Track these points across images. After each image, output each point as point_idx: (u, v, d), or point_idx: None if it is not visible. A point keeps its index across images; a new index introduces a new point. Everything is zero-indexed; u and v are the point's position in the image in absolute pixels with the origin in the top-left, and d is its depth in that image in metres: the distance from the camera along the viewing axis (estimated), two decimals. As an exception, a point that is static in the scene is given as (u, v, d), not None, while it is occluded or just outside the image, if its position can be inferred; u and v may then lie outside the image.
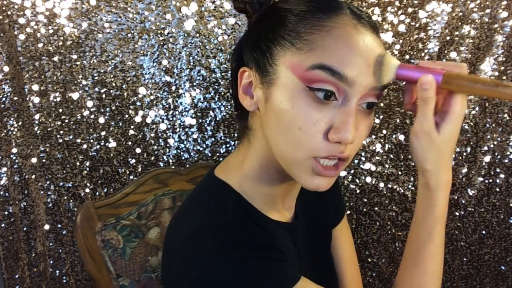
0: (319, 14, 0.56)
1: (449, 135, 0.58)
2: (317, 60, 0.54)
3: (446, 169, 0.60)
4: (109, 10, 1.20)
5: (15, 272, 1.28)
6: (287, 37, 0.57)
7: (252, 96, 0.61)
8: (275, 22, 0.59)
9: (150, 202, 0.94)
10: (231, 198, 0.64)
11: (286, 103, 0.56)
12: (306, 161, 0.57)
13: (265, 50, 0.59)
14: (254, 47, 0.61)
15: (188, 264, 0.57)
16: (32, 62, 1.20)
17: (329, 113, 0.55)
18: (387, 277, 1.41)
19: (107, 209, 0.89)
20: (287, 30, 0.57)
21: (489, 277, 1.41)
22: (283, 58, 0.57)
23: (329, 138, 0.55)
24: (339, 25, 0.55)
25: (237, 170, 0.66)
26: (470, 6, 1.26)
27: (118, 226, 0.88)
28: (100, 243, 0.86)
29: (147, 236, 0.91)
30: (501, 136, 1.33)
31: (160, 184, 0.97)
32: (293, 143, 0.56)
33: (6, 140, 1.22)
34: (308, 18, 0.56)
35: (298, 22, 0.57)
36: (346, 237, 0.87)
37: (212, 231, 0.58)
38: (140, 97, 1.25)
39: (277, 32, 0.58)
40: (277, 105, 0.57)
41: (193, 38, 1.24)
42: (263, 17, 0.62)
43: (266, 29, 0.60)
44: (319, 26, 0.55)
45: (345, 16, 0.56)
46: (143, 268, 0.90)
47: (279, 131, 0.58)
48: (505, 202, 1.36)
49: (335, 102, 0.55)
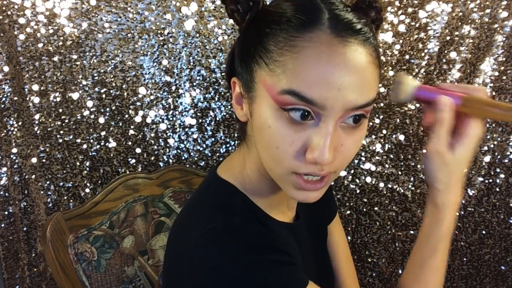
0: (291, 32, 0.53)
1: (462, 157, 0.60)
2: (287, 85, 0.52)
3: (455, 189, 0.62)
4: (109, 10, 1.20)
5: (15, 272, 1.28)
6: (262, 55, 0.55)
7: (243, 107, 0.62)
8: (255, 37, 0.57)
9: (121, 209, 0.91)
10: (238, 199, 0.64)
11: (264, 122, 0.55)
12: (288, 176, 0.57)
13: (247, 66, 0.58)
14: (240, 60, 0.60)
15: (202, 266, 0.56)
16: (32, 62, 1.20)
17: (305, 133, 0.54)
18: (387, 277, 1.40)
19: (77, 220, 0.85)
20: (263, 49, 0.55)
21: (489, 277, 1.41)
22: (260, 77, 0.56)
23: (306, 158, 0.54)
24: (311, 44, 0.52)
25: (240, 171, 0.67)
26: (470, 6, 1.26)
27: (90, 237, 0.84)
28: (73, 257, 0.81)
29: (122, 245, 0.88)
30: (501, 136, 1.33)
31: (130, 190, 0.94)
32: (273, 160, 0.57)
33: (6, 140, 1.22)
34: (280, 37, 0.54)
35: (271, 40, 0.54)
36: (339, 233, 0.88)
37: (225, 233, 0.58)
38: (140, 97, 1.25)
39: (256, 49, 0.56)
40: (257, 122, 0.57)
41: (193, 38, 1.24)
42: (248, 28, 0.60)
43: (248, 43, 0.59)
44: (290, 47, 0.52)
45: (320, 32, 0.52)
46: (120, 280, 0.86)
47: (261, 147, 0.58)
48: (505, 202, 1.36)
49: (312, 122, 0.53)
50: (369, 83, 0.54)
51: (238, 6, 0.59)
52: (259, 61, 0.56)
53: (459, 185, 0.62)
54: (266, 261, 0.56)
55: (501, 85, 1.30)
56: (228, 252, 0.56)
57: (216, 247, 0.56)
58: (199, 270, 0.57)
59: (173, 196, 1.00)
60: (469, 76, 1.30)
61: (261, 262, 0.56)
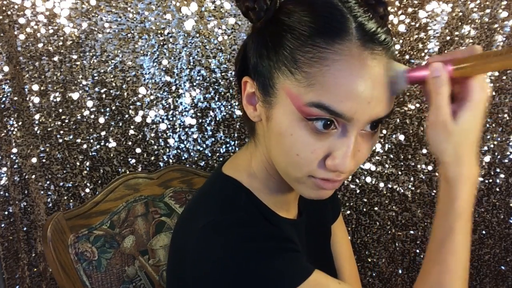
0: (320, 42, 0.52)
1: (467, 124, 0.54)
2: (315, 98, 0.52)
3: (467, 161, 0.56)
4: (109, 10, 1.20)
5: (15, 272, 1.28)
6: (287, 64, 0.54)
7: (256, 108, 0.61)
8: (275, 41, 0.56)
9: (122, 209, 0.90)
10: (242, 195, 0.65)
11: (285, 130, 0.55)
12: (305, 179, 0.57)
13: (266, 70, 0.57)
14: (257, 62, 0.58)
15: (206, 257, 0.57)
16: (32, 62, 1.20)
17: (328, 142, 0.54)
18: (387, 277, 1.40)
19: (78, 219, 0.85)
20: (287, 56, 0.54)
21: (489, 277, 1.41)
22: (282, 84, 0.55)
23: (326, 165, 0.55)
24: (341, 57, 0.51)
25: (246, 169, 0.67)
26: (470, 6, 1.26)
27: (91, 237, 0.84)
28: (74, 256, 0.81)
29: (122, 245, 0.88)
30: (501, 136, 1.33)
31: (131, 190, 0.94)
32: (291, 166, 0.57)
33: (6, 140, 1.22)
34: (308, 46, 0.52)
35: (298, 49, 0.53)
36: (343, 232, 0.89)
37: (229, 225, 0.58)
38: (140, 97, 1.25)
39: (277, 55, 0.55)
40: (277, 128, 0.56)
41: (193, 38, 1.24)
42: (265, 29, 0.58)
43: (266, 46, 0.57)
44: (319, 59, 0.51)
45: (350, 43, 0.51)
46: (120, 279, 0.86)
47: (278, 151, 0.58)
48: (505, 202, 1.36)
49: (334, 131, 0.54)
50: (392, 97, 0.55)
51: (254, 4, 0.57)
52: (283, 69, 0.54)
53: (470, 157, 0.56)
54: (271, 248, 0.56)
55: (501, 85, 1.31)
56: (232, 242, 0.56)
57: (220, 238, 0.56)
58: (203, 261, 0.57)
59: (174, 196, 1.00)
60: (469, 76, 1.30)
61: (265, 249, 0.56)
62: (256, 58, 0.59)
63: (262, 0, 0.57)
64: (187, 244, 0.60)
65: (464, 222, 0.59)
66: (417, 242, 1.39)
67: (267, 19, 0.58)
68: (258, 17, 0.58)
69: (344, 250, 0.87)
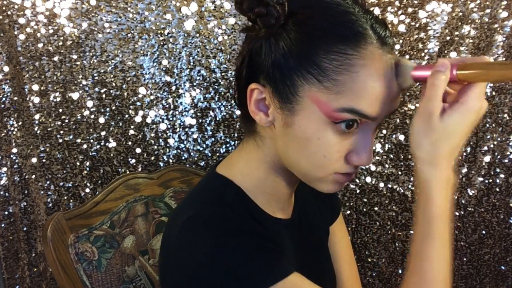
0: (345, 48, 0.53)
1: (452, 126, 0.52)
2: (347, 104, 0.53)
3: (443, 163, 0.54)
4: (109, 10, 1.20)
5: (15, 272, 1.28)
6: (313, 72, 0.54)
7: (267, 114, 0.60)
8: (296, 48, 0.55)
9: (122, 209, 0.91)
10: (231, 192, 0.65)
11: (312, 134, 0.56)
12: (327, 177, 0.60)
13: (287, 78, 0.56)
14: (272, 69, 0.57)
15: (184, 248, 0.58)
16: (32, 62, 1.20)
17: (351, 139, 0.57)
18: (387, 277, 1.40)
19: (78, 219, 0.85)
20: (312, 64, 0.54)
21: (489, 277, 1.41)
22: (308, 92, 0.55)
23: (350, 161, 0.58)
24: (367, 62, 0.53)
25: (241, 168, 0.67)
26: (470, 6, 1.26)
27: (91, 237, 0.84)
28: (74, 256, 0.81)
29: (122, 245, 0.88)
30: (501, 136, 1.33)
31: (131, 190, 0.94)
32: (316, 167, 0.59)
33: (6, 140, 1.22)
34: (333, 53, 0.53)
35: (324, 57, 0.53)
36: (343, 233, 0.88)
37: (210, 219, 0.59)
38: (140, 97, 1.25)
39: (300, 63, 0.54)
40: (301, 134, 0.57)
41: (193, 38, 1.24)
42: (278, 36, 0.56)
43: (285, 54, 0.55)
44: (348, 66, 0.53)
45: (371, 46, 0.53)
46: (120, 279, 0.86)
47: (301, 155, 0.59)
48: (505, 202, 1.36)
49: (356, 129, 0.56)
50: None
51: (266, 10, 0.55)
52: (307, 76, 0.54)
53: (447, 160, 0.54)
54: (248, 244, 0.57)
55: (501, 85, 1.31)
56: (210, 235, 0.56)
57: (199, 230, 0.58)
58: (182, 252, 0.58)
59: (174, 196, 1.00)
60: (469, 76, 1.30)
61: (242, 245, 0.56)
62: (271, 65, 0.57)
63: (273, 7, 0.55)
64: (171, 237, 0.61)
65: (441, 227, 0.56)
66: (417, 242, 1.39)
67: (279, 26, 0.56)
68: (268, 24, 0.56)
69: (344, 251, 0.86)
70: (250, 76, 0.60)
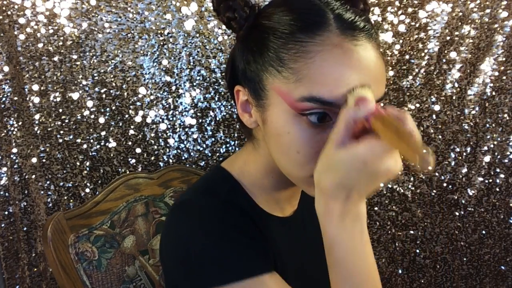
0: (301, 36, 0.53)
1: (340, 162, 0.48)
2: (305, 92, 0.52)
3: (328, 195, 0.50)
4: (109, 10, 1.20)
5: (15, 272, 1.27)
6: (272, 63, 0.55)
7: (251, 114, 0.61)
8: (259, 45, 0.57)
9: (122, 209, 0.91)
10: (227, 185, 0.66)
11: (282, 129, 0.55)
12: (309, 179, 0.56)
13: (255, 74, 0.58)
14: (245, 68, 0.60)
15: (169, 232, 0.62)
16: (32, 62, 1.20)
17: (325, 134, 0.53)
18: (387, 277, 1.40)
19: (78, 219, 0.85)
20: (272, 56, 0.55)
21: (489, 277, 1.41)
22: (272, 85, 0.56)
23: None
24: (323, 47, 0.52)
25: (241, 167, 0.68)
26: (470, 6, 1.26)
27: (91, 237, 0.84)
28: (74, 256, 0.81)
29: (123, 245, 0.88)
30: (501, 136, 1.33)
31: (131, 190, 0.94)
32: (294, 165, 0.57)
33: (6, 140, 1.22)
34: (290, 43, 0.54)
35: (281, 47, 0.54)
36: None
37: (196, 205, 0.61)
38: (140, 97, 1.25)
39: (263, 57, 0.56)
40: (273, 129, 0.57)
41: (193, 38, 1.24)
42: (248, 35, 0.60)
43: (252, 51, 0.58)
44: (303, 53, 0.53)
45: (330, 33, 0.52)
46: (120, 279, 0.86)
47: (279, 152, 0.58)
48: (505, 202, 1.36)
49: (330, 122, 0.53)
50: (381, 77, 0.55)
51: (234, 14, 0.59)
52: (269, 69, 0.56)
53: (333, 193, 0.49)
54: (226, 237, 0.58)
55: (501, 85, 1.31)
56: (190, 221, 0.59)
57: (182, 216, 0.61)
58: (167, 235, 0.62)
59: (174, 196, 1.00)
60: (469, 76, 1.30)
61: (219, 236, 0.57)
62: (243, 65, 0.60)
63: (241, 9, 0.59)
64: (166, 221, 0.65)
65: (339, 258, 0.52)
66: (417, 242, 1.39)
67: (249, 26, 0.60)
68: (240, 26, 0.60)
69: None
70: (234, 79, 0.63)
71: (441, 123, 1.32)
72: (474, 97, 1.31)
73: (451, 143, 1.34)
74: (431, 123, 1.32)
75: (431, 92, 1.31)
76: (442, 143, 1.34)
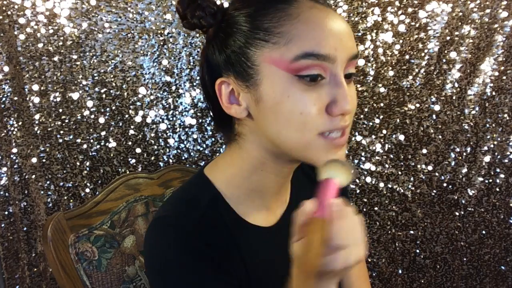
0: (279, 5, 0.58)
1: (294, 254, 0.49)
2: (299, 50, 0.55)
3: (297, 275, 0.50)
4: (109, 10, 1.20)
5: (15, 272, 1.28)
6: (258, 36, 0.57)
7: (239, 103, 0.62)
8: (237, 27, 0.60)
9: (122, 209, 0.91)
10: (208, 196, 0.66)
11: (281, 95, 0.57)
12: (316, 141, 0.58)
13: (240, 56, 0.59)
14: (226, 56, 0.61)
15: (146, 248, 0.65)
16: (32, 62, 1.20)
17: (323, 91, 0.57)
18: (387, 277, 1.41)
19: (78, 219, 0.85)
20: (256, 30, 0.58)
21: (489, 277, 1.41)
22: (261, 57, 0.58)
23: (331, 113, 0.57)
24: (303, 9, 0.57)
25: (223, 171, 0.68)
26: (470, 6, 1.26)
27: (91, 237, 0.84)
28: (74, 256, 0.81)
29: (123, 245, 0.88)
30: (501, 136, 1.33)
31: (131, 190, 0.94)
32: (298, 129, 0.58)
33: (6, 140, 1.22)
34: (271, 13, 0.57)
35: (263, 19, 0.58)
36: None
37: (171, 224, 0.62)
38: (140, 97, 1.25)
39: (247, 36, 0.58)
40: (271, 101, 0.58)
41: (193, 38, 1.24)
42: (220, 28, 0.62)
43: (231, 36, 0.60)
44: (286, 16, 0.57)
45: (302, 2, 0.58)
46: (120, 279, 0.86)
47: (281, 124, 0.58)
48: (505, 202, 1.36)
49: (324, 80, 0.57)
50: (353, 35, 0.60)
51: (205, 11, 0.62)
52: (255, 43, 0.58)
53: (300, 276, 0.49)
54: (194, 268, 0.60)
55: (501, 85, 1.31)
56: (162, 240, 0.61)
57: (156, 232, 0.63)
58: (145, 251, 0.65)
59: (173, 196, 1.00)
60: (469, 76, 1.30)
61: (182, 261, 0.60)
62: (223, 54, 0.61)
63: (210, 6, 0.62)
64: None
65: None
66: (417, 242, 1.39)
67: (219, 21, 0.62)
68: (209, 23, 0.62)
69: None
70: (213, 78, 0.63)
71: (441, 123, 1.33)
72: (474, 97, 1.31)
73: (451, 143, 1.34)
74: (431, 123, 1.32)
75: (431, 92, 1.31)
76: (442, 143, 1.34)
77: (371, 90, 1.30)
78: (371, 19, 1.26)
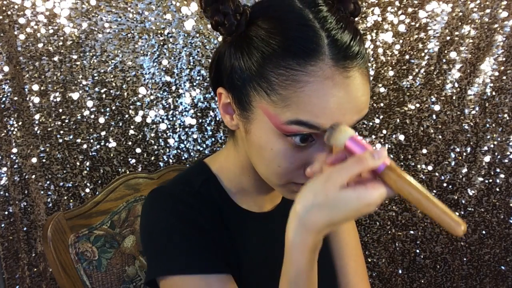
0: (293, 64, 0.52)
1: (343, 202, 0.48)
2: (293, 116, 0.53)
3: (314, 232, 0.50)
4: (109, 10, 1.20)
5: (15, 272, 1.28)
6: (262, 84, 0.55)
7: (232, 118, 0.62)
8: (250, 61, 0.56)
9: (122, 209, 0.91)
10: (203, 177, 0.69)
11: (265, 144, 0.57)
12: (285, 185, 0.61)
13: (242, 87, 0.58)
14: (232, 76, 0.59)
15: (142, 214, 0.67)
16: (32, 62, 1.20)
17: (307, 152, 0.56)
18: (387, 277, 1.40)
19: (78, 219, 0.85)
20: (262, 77, 0.54)
21: (489, 277, 1.41)
22: (259, 104, 0.56)
23: (306, 173, 0.55)
24: (315, 78, 0.52)
25: (221, 162, 0.71)
26: (470, 6, 1.26)
27: (91, 237, 0.85)
28: (74, 256, 0.82)
29: (123, 245, 0.89)
30: (501, 136, 1.33)
31: (131, 190, 0.94)
32: (272, 175, 0.60)
33: (6, 140, 1.22)
34: (281, 68, 0.53)
35: (271, 71, 0.54)
36: (349, 230, 0.84)
37: (166, 193, 0.66)
38: (140, 97, 1.25)
39: (252, 75, 0.56)
40: (257, 142, 0.58)
41: (193, 38, 1.24)
42: (237, 44, 0.58)
43: (240, 64, 0.57)
44: (293, 81, 0.52)
45: (322, 63, 0.52)
46: (120, 279, 0.86)
47: (260, 162, 0.60)
48: (505, 202, 1.36)
49: (312, 142, 0.56)
50: (366, 102, 0.56)
51: (224, 20, 0.57)
52: (258, 89, 0.55)
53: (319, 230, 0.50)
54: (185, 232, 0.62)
55: (501, 85, 1.31)
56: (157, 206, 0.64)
57: (151, 200, 0.66)
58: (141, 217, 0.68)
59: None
60: (469, 76, 1.30)
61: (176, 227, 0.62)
62: (230, 73, 0.59)
63: (232, 14, 0.56)
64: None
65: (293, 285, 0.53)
66: (417, 242, 1.39)
67: (238, 34, 0.58)
68: (229, 32, 0.58)
69: (349, 248, 0.82)
70: (218, 80, 0.63)
71: (441, 123, 1.32)
72: (474, 97, 1.31)
73: (451, 143, 1.34)
74: (431, 123, 1.32)
75: (431, 92, 1.31)
76: (442, 143, 1.34)
77: (371, 90, 1.30)
78: (371, 19, 1.26)
